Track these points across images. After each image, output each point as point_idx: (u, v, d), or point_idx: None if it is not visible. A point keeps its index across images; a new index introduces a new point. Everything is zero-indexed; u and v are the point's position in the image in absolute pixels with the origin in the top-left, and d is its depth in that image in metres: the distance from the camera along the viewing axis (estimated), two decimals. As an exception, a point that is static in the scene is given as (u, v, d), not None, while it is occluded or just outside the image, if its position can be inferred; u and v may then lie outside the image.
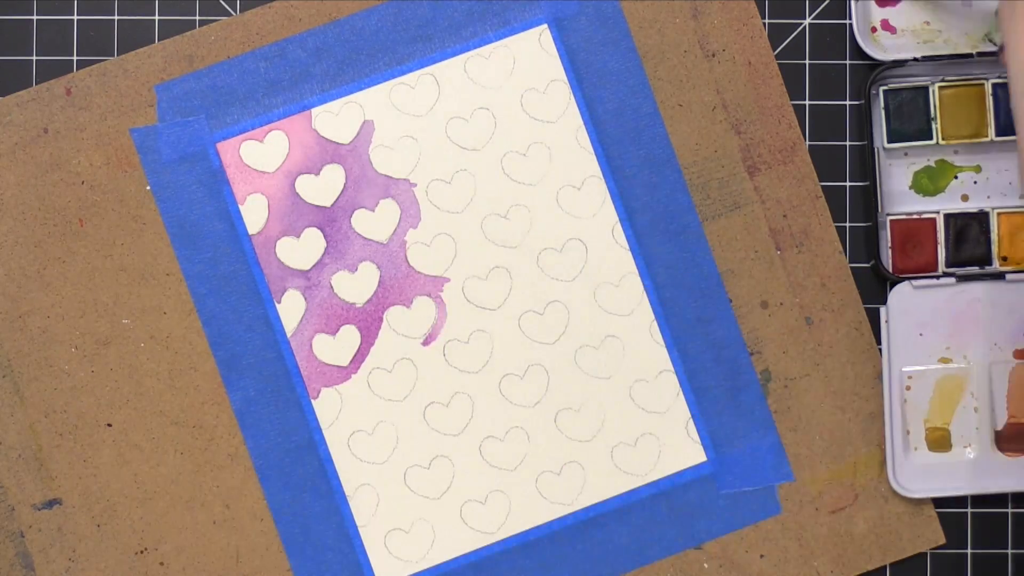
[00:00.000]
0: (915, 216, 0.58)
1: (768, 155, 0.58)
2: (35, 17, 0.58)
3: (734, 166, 0.58)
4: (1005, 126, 0.57)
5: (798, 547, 0.57)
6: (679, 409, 0.57)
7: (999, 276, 0.57)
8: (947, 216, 0.58)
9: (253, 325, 0.56)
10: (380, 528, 0.56)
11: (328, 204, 0.57)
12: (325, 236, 0.57)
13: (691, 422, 0.57)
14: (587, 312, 0.57)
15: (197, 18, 0.58)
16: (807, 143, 0.58)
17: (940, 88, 0.57)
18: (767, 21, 0.58)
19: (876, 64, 0.57)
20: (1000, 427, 0.57)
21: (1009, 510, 0.58)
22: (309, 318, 0.56)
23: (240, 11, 0.58)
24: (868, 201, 0.57)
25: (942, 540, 0.57)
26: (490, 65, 0.57)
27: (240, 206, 0.57)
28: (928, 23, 0.58)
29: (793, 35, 0.59)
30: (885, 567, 0.57)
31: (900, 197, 0.58)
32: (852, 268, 0.58)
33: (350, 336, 0.57)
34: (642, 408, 0.57)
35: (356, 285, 0.57)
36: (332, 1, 0.57)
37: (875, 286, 0.58)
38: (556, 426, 0.57)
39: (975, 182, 0.58)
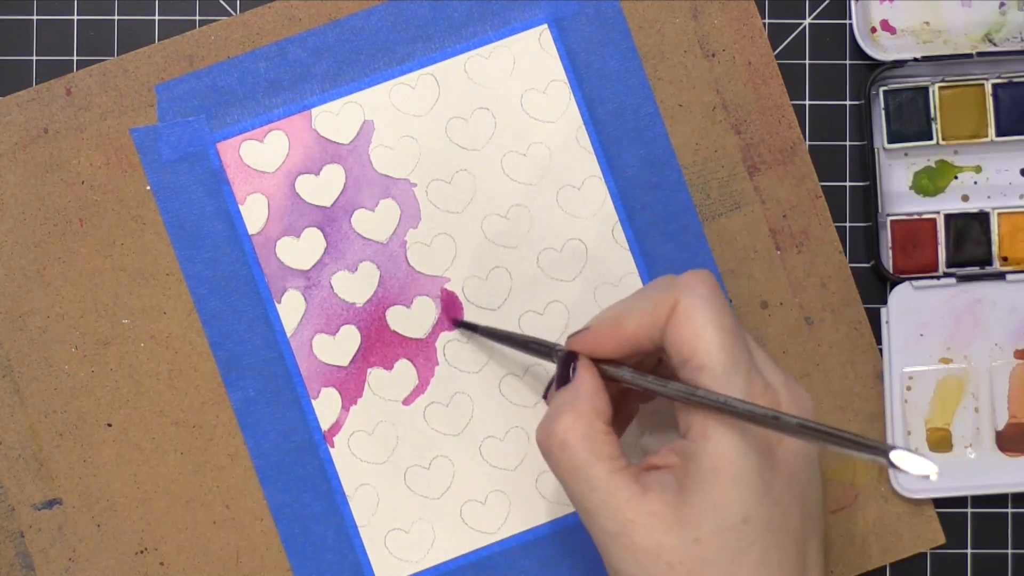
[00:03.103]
0: (915, 216, 0.58)
1: (768, 155, 0.58)
2: (35, 17, 0.58)
3: (734, 166, 0.58)
4: (1005, 126, 0.57)
5: (798, 547, 0.57)
6: (679, 409, 0.57)
7: (999, 276, 0.57)
8: (947, 216, 0.58)
9: (253, 325, 0.56)
10: (380, 528, 0.56)
11: (328, 204, 0.57)
12: (325, 236, 0.57)
13: (691, 422, 0.57)
14: (587, 312, 0.57)
15: (197, 18, 0.58)
16: (807, 143, 0.58)
17: (940, 88, 0.57)
18: (767, 21, 0.59)
19: (876, 64, 0.57)
20: (1001, 427, 0.57)
21: (1009, 510, 0.58)
22: (309, 318, 0.56)
23: (240, 11, 0.58)
24: (868, 201, 0.57)
25: (942, 540, 0.57)
26: (490, 65, 0.57)
27: (240, 206, 0.57)
28: (928, 23, 0.58)
29: (793, 35, 0.59)
30: (885, 567, 0.57)
31: (900, 197, 0.58)
32: (852, 268, 0.58)
33: (350, 336, 0.57)
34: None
35: (356, 285, 0.57)
36: (332, 1, 0.57)
37: (875, 286, 0.58)
38: (556, 426, 0.56)
39: (975, 182, 0.58)
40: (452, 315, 0.56)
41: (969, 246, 0.58)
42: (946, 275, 0.57)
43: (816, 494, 0.47)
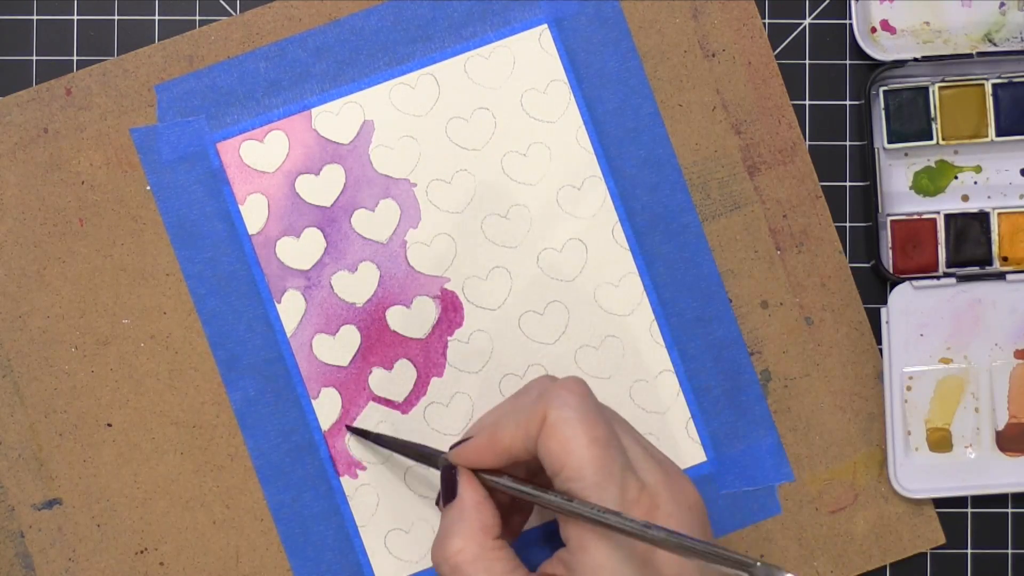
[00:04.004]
0: (915, 216, 0.58)
1: (768, 155, 0.58)
2: (35, 17, 0.58)
3: (734, 166, 0.58)
4: (1005, 126, 0.57)
5: (798, 547, 0.57)
6: (679, 409, 0.57)
7: (999, 276, 0.57)
8: (947, 216, 0.58)
9: (253, 325, 0.56)
10: (380, 528, 0.56)
11: (328, 204, 0.57)
12: (325, 236, 0.57)
13: (691, 422, 0.57)
14: (587, 312, 0.57)
15: (197, 18, 0.58)
16: (807, 143, 0.58)
17: (940, 88, 0.57)
18: (767, 21, 0.59)
19: (876, 64, 0.58)
20: (1001, 427, 0.57)
21: (1009, 510, 0.58)
22: (309, 318, 0.56)
23: (240, 11, 0.58)
24: (868, 201, 0.57)
25: (942, 540, 0.57)
26: (490, 65, 0.57)
27: (240, 206, 0.57)
28: (928, 23, 0.58)
29: (793, 35, 0.59)
30: (885, 567, 0.57)
31: (900, 197, 0.58)
32: (852, 268, 0.58)
33: (350, 336, 0.57)
34: (642, 408, 0.57)
35: (356, 285, 0.57)
36: (332, 1, 0.57)
37: (875, 286, 0.58)
38: (556, 426, 0.56)
39: (975, 182, 0.58)
40: (349, 422, 0.57)
41: (969, 246, 0.58)
42: (946, 275, 0.57)
43: None
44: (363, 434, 0.55)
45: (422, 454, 0.53)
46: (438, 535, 0.48)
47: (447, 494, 0.49)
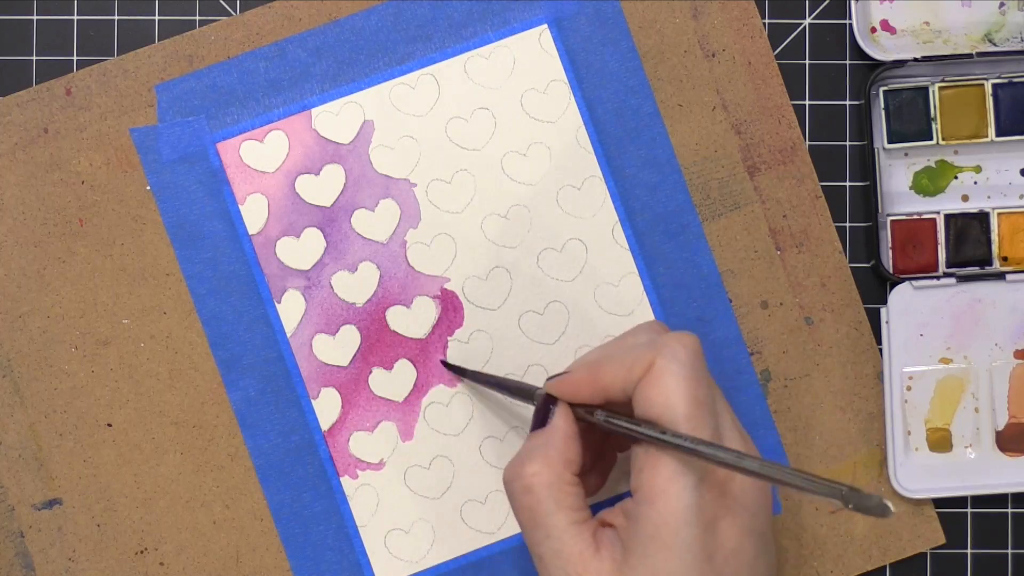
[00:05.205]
0: (915, 216, 0.58)
1: (768, 155, 0.58)
2: (35, 17, 0.58)
3: (734, 166, 0.58)
4: (1005, 126, 0.57)
5: (798, 547, 0.57)
6: (679, 409, 0.57)
7: (999, 276, 0.57)
8: (947, 216, 0.58)
9: (253, 325, 0.56)
10: (380, 528, 0.56)
11: (328, 204, 0.57)
12: (325, 236, 0.57)
13: (691, 422, 0.57)
14: (587, 312, 0.57)
15: (197, 18, 0.58)
16: (807, 143, 0.58)
17: (940, 88, 0.57)
18: (767, 21, 0.59)
19: (876, 64, 0.58)
20: (1001, 427, 0.57)
21: (1009, 510, 0.58)
22: (309, 318, 0.56)
23: (240, 11, 0.58)
24: (868, 201, 0.57)
25: (942, 540, 0.57)
26: (490, 65, 0.57)
27: (240, 206, 0.57)
28: (928, 23, 0.58)
29: (793, 35, 0.59)
30: (885, 567, 0.57)
31: (900, 197, 0.58)
32: (852, 268, 0.58)
33: (350, 336, 0.57)
34: (642, 408, 0.57)
35: (356, 285, 0.57)
36: (332, 1, 0.57)
37: (875, 286, 0.58)
38: (556, 426, 0.56)
39: (975, 182, 0.58)
40: (441, 356, 0.57)
41: (969, 246, 0.58)
42: (946, 275, 0.57)
43: (765, 569, 0.47)
44: (458, 371, 0.56)
45: (518, 389, 0.52)
46: (517, 455, 0.48)
47: (538, 423, 0.49)
